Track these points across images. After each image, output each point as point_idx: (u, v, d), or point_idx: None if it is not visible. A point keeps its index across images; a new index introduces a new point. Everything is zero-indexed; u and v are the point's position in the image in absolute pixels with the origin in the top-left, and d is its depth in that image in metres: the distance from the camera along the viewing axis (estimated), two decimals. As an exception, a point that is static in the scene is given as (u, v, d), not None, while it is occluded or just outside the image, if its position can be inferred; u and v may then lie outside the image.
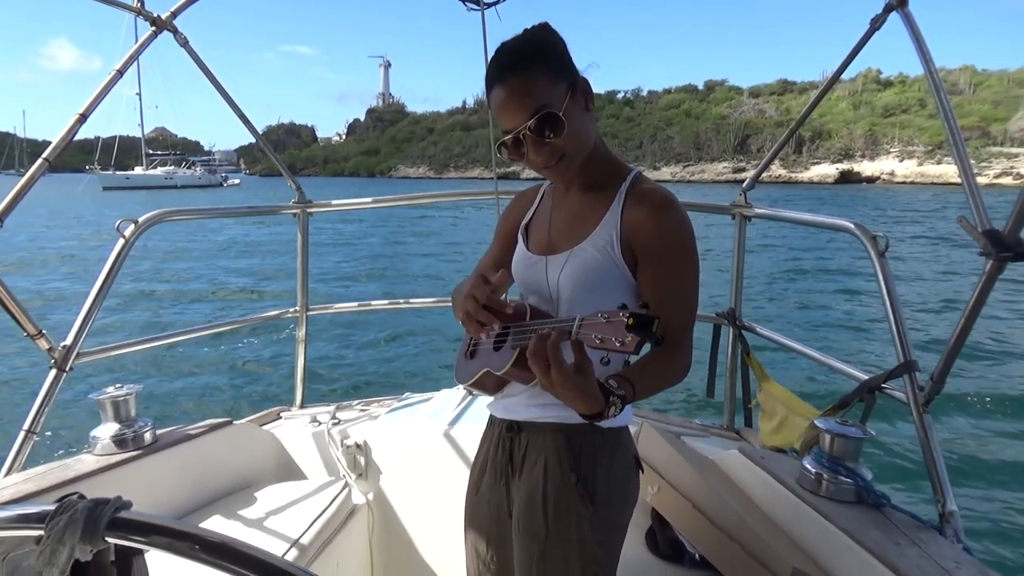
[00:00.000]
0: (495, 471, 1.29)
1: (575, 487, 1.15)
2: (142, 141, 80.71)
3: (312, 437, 2.17)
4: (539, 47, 1.11)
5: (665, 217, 1.10)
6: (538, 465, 1.19)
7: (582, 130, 1.12)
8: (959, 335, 1.34)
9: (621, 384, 0.97)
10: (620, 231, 1.12)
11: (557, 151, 1.11)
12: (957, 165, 1.37)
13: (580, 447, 1.17)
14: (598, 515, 1.15)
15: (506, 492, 1.27)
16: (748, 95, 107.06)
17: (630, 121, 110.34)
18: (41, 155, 1.65)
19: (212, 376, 7.12)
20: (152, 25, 1.90)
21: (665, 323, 1.06)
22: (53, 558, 0.55)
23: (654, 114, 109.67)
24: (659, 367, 1.07)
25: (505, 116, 1.10)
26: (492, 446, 1.32)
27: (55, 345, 1.66)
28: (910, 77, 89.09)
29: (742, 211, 2.19)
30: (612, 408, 0.93)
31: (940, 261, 15.95)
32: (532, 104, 1.07)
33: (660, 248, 1.10)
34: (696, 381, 2.28)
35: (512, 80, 1.08)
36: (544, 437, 1.20)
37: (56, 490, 1.40)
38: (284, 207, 2.41)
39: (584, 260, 1.14)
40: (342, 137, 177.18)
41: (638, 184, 1.16)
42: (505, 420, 1.28)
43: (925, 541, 1.20)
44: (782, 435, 1.82)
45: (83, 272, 13.79)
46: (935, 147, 75.62)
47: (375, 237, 21.54)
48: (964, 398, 6.11)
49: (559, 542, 1.15)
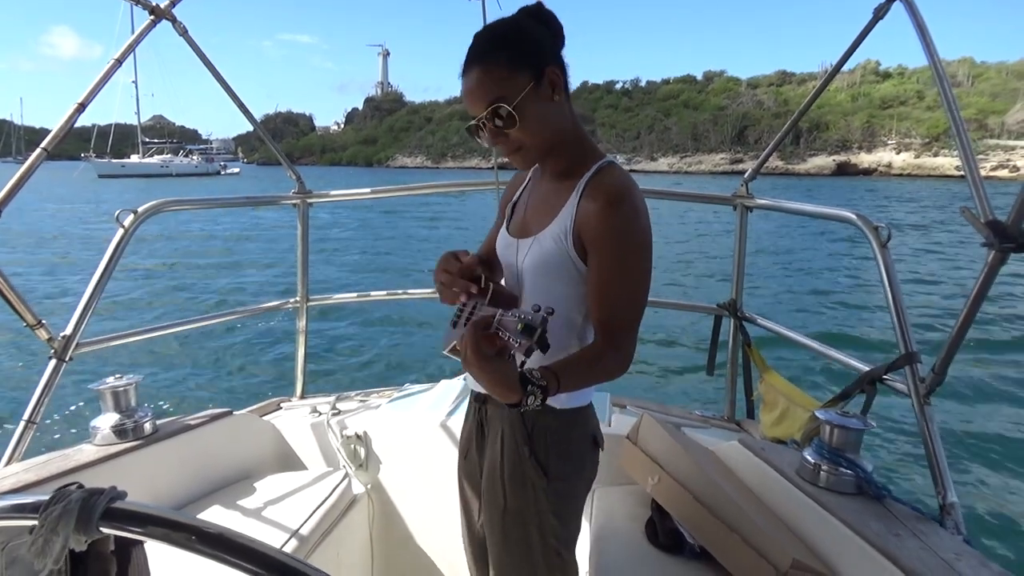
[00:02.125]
0: (473, 440, 1.35)
1: (529, 459, 1.20)
2: (138, 129, 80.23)
3: (312, 428, 2.17)
4: (507, 35, 1.11)
5: (613, 211, 1.09)
6: (498, 437, 1.25)
7: (543, 120, 1.12)
8: (961, 326, 1.34)
9: (544, 375, 0.99)
10: (573, 222, 1.13)
11: (514, 143, 1.12)
12: (960, 156, 1.36)
13: (533, 425, 1.20)
14: (552, 487, 1.20)
15: (478, 460, 1.34)
16: (747, 86, 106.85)
17: (628, 111, 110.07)
18: (37, 143, 1.63)
19: (212, 366, 7.10)
20: (151, 14, 1.88)
21: (602, 316, 1.11)
22: (46, 548, 0.55)
23: (652, 104, 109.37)
24: (590, 362, 1.09)
25: (468, 104, 1.13)
26: (469, 414, 1.39)
27: (54, 335, 1.65)
28: (909, 69, 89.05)
29: (744, 201, 2.19)
30: (530, 397, 0.96)
31: (944, 252, 15.95)
32: (487, 96, 1.08)
33: (604, 242, 1.10)
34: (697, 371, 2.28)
35: (474, 70, 1.10)
36: (502, 411, 1.24)
37: (56, 480, 1.40)
38: (284, 197, 2.39)
39: (542, 248, 1.17)
40: (340, 126, 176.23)
41: (599, 175, 1.15)
42: (474, 391, 1.34)
43: (925, 532, 1.20)
44: (783, 426, 1.82)
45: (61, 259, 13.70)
46: (932, 139, 75.74)
47: (367, 229, 21.45)
48: (965, 389, 6.12)
49: (517, 512, 1.21)
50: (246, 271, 13.21)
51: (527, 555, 1.22)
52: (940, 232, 19.55)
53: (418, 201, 27.94)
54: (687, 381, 5.63)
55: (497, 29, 1.13)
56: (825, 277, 12.70)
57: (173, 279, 12.22)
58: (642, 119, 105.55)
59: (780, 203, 2.08)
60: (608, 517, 1.74)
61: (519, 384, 0.96)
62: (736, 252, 2.22)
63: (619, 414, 2.19)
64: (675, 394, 5.48)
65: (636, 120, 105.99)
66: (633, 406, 2.26)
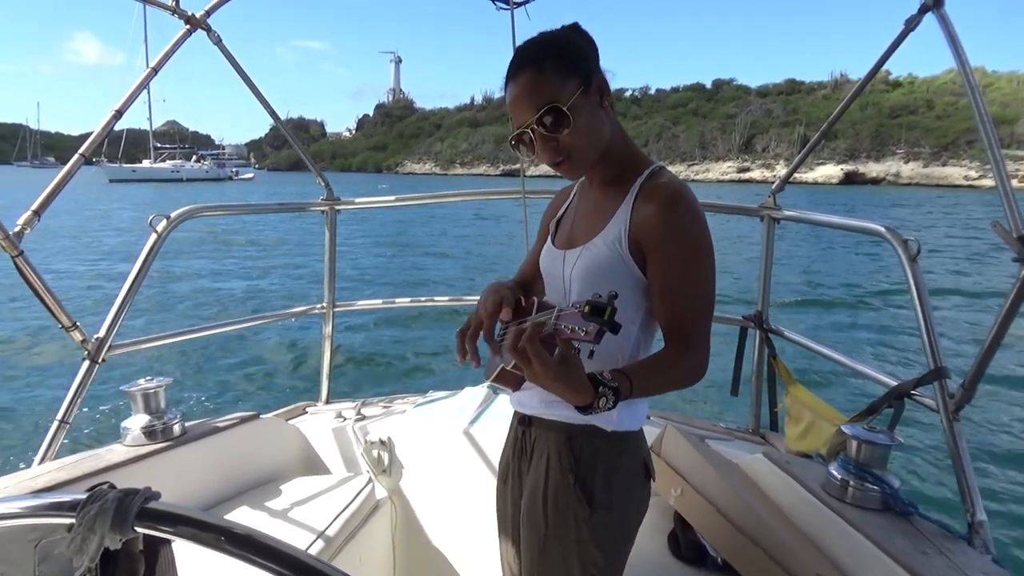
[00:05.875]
0: (515, 462, 1.32)
1: (572, 488, 1.15)
2: (150, 134, 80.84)
3: (337, 432, 2.19)
4: (553, 44, 1.11)
5: (672, 212, 1.07)
6: (542, 461, 1.21)
7: (593, 127, 1.11)
8: (991, 342, 1.33)
9: (616, 377, 0.96)
10: (629, 227, 1.11)
11: (563, 149, 1.10)
12: (993, 168, 1.36)
13: (581, 448, 1.16)
14: (596, 518, 1.14)
15: (519, 483, 1.30)
16: (756, 95, 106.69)
17: (637, 119, 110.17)
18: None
19: (240, 370, 7.17)
20: (186, 23, 1.92)
21: (671, 319, 1.08)
22: (83, 546, 0.57)
23: (661, 113, 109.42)
24: (664, 364, 1.06)
25: (516, 111, 1.11)
26: (511, 437, 1.35)
27: (88, 337, 1.69)
28: (919, 78, 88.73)
29: (771, 213, 2.16)
30: (602, 399, 0.93)
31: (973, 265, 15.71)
32: (539, 99, 1.07)
33: (666, 244, 1.08)
34: (722, 383, 2.27)
35: (522, 76, 1.09)
36: (548, 434, 1.21)
37: (88, 479, 1.42)
38: (312, 204, 2.43)
39: (594, 255, 1.14)
40: (352, 132, 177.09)
41: (652, 179, 1.14)
42: (519, 413, 1.31)
43: (953, 551, 1.19)
44: (808, 440, 1.81)
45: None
46: (941, 149, 75.30)
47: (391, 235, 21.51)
48: (995, 405, 6.01)
49: (558, 539, 1.16)
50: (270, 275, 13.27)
51: None
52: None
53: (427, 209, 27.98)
54: (711, 393, 5.58)
55: (545, 38, 1.13)
56: (846, 288, 12.52)
57: (195, 282, 12.33)
58: (651, 127, 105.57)
59: (807, 215, 2.06)
60: None
61: (590, 385, 0.93)
62: (762, 264, 2.20)
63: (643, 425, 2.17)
64: (699, 406, 5.44)
65: (645, 128, 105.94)
66: (657, 417, 2.25)
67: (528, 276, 1.40)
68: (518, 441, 1.31)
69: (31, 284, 1.55)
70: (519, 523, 1.29)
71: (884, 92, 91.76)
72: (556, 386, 0.92)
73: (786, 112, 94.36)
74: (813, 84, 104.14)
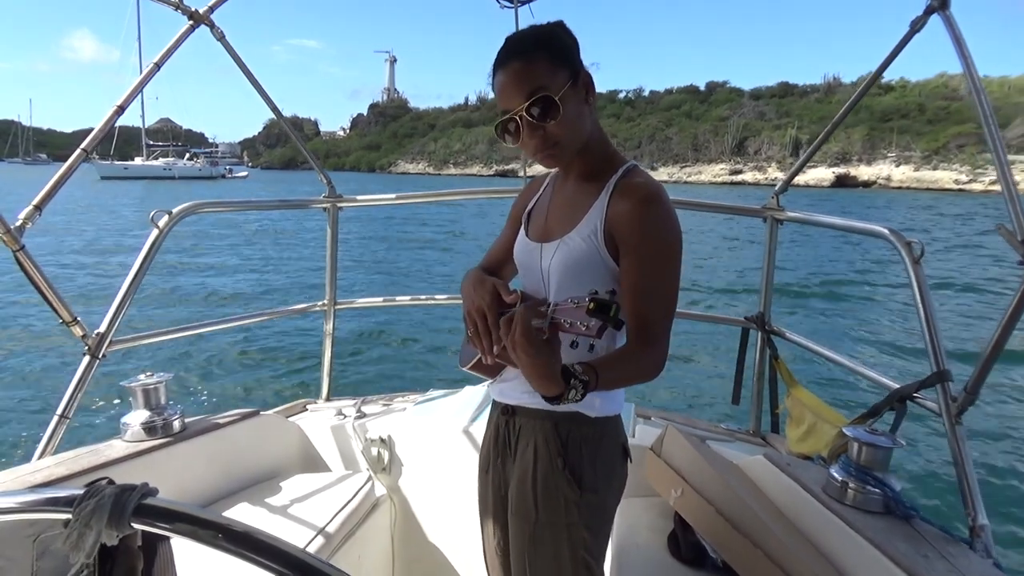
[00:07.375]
0: (496, 452, 1.35)
1: (562, 472, 1.19)
2: (143, 131, 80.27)
3: (337, 430, 2.20)
4: (544, 36, 1.13)
5: (647, 210, 1.11)
6: (529, 449, 1.24)
7: (578, 119, 1.14)
8: (995, 345, 1.33)
9: (586, 371, 1.00)
10: (604, 221, 1.14)
11: (551, 138, 1.13)
12: (997, 172, 1.36)
13: (567, 434, 1.21)
14: (585, 500, 1.19)
15: (503, 473, 1.32)
16: (749, 97, 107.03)
17: (630, 121, 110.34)
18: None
19: (241, 367, 7.18)
20: (189, 19, 1.91)
21: (638, 316, 1.11)
22: (80, 542, 0.56)
23: (655, 114, 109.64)
24: (629, 359, 1.10)
25: (504, 98, 1.13)
26: (492, 427, 1.38)
27: (89, 332, 1.68)
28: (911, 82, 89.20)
29: (774, 214, 2.18)
30: (572, 391, 0.97)
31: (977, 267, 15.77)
32: (530, 87, 1.09)
33: (638, 240, 1.11)
34: (723, 384, 2.26)
35: (513, 63, 1.11)
36: (534, 423, 1.24)
37: (86, 474, 1.41)
38: (314, 201, 2.43)
39: (571, 248, 1.17)
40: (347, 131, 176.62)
41: (628, 176, 1.17)
42: (501, 403, 1.33)
43: (954, 555, 1.19)
44: (809, 442, 1.81)
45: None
46: (932, 152, 75.74)
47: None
48: (998, 408, 6.03)
49: (548, 525, 1.20)
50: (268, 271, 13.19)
51: (556, 568, 1.21)
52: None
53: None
54: (712, 393, 5.60)
55: (536, 31, 1.16)
56: (849, 289, 12.54)
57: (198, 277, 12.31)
58: (644, 128, 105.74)
59: (811, 216, 2.08)
60: (630, 529, 1.74)
61: (562, 377, 0.96)
62: (765, 265, 2.22)
63: (643, 425, 2.19)
64: (700, 407, 5.44)
65: (638, 130, 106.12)
66: (658, 418, 2.26)
67: (495, 263, 1.42)
68: (500, 431, 1.33)
69: (32, 278, 1.55)
70: (501, 510, 1.32)
71: (876, 95, 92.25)
72: (533, 371, 0.95)
73: (779, 115, 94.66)
74: (806, 87, 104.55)
